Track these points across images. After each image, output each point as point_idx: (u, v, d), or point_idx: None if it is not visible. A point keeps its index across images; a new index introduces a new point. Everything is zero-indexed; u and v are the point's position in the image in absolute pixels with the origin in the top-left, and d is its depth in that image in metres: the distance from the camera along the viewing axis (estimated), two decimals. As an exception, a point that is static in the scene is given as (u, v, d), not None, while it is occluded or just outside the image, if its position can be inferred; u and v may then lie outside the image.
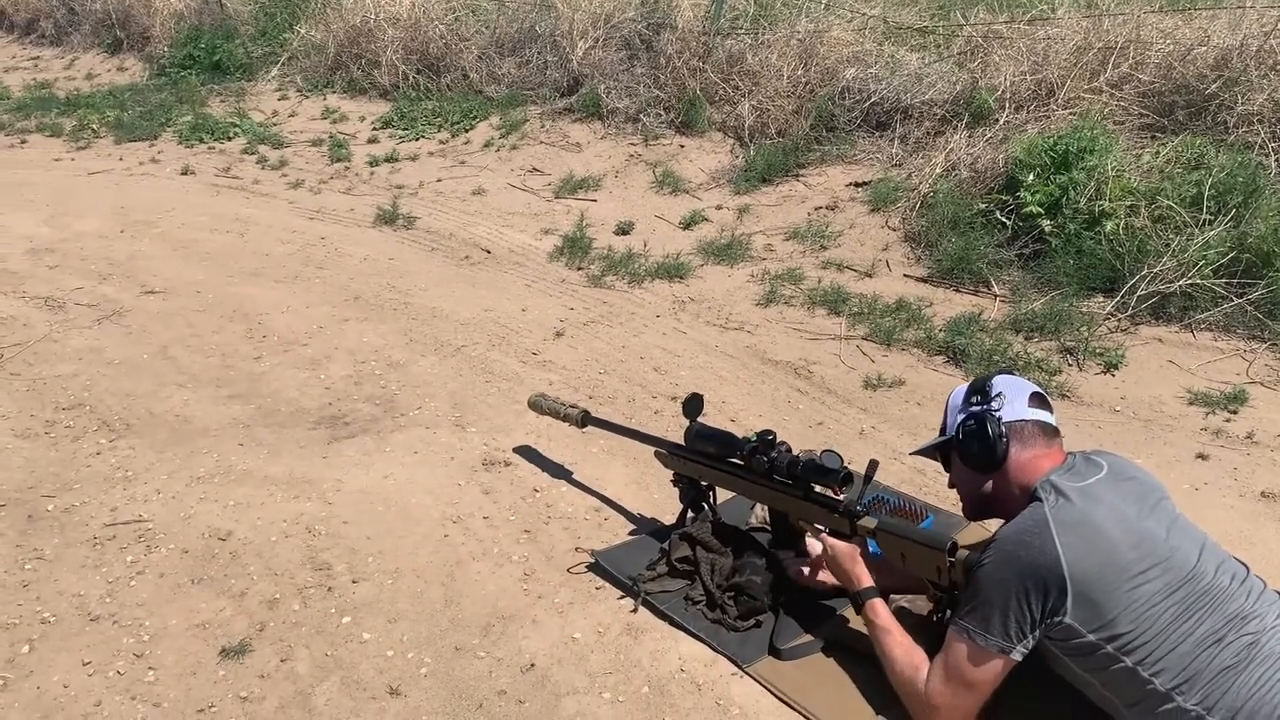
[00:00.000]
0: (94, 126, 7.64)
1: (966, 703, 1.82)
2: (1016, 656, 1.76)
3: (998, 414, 1.90)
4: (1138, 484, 1.84)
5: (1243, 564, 1.80)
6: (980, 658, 1.78)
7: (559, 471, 2.93)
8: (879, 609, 2.01)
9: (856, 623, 2.11)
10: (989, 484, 1.92)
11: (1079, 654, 1.74)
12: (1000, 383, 1.95)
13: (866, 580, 2.06)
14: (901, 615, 2.12)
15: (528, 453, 3.04)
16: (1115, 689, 1.73)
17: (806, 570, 2.27)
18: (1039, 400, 1.94)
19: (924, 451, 2.11)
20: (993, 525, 1.98)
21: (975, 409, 1.93)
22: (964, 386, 2.02)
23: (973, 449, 1.92)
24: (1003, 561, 1.76)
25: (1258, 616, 1.68)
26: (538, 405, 2.98)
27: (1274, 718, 1.59)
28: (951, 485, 2.08)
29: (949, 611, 1.94)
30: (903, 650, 1.94)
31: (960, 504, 2.06)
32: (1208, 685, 1.63)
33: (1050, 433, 1.91)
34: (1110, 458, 1.88)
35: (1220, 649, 1.64)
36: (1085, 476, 1.80)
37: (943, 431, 2.04)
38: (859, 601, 2.04)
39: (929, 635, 1.96)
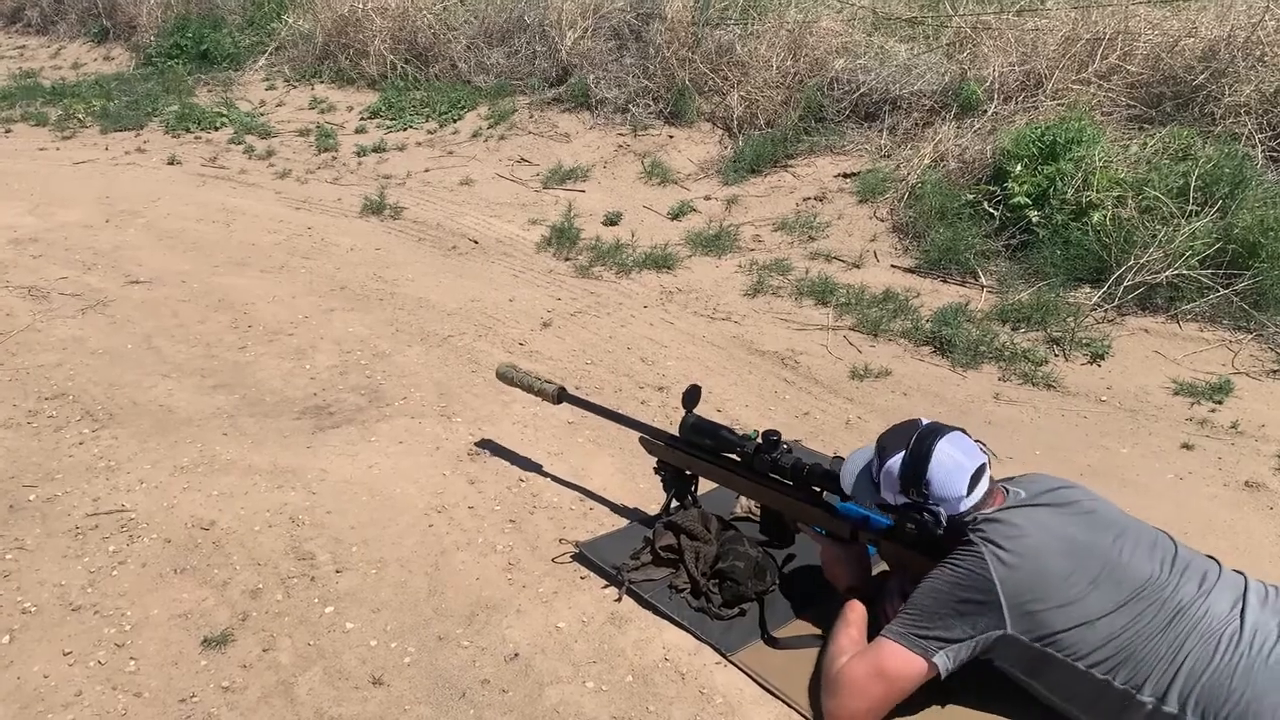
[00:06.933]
0: (80, 116, 7.59)
1: (875, 690, 1.82)
2: (939, 663, 1.79)
3: (937, 514, 1.86)
4: (1054, 493, 1.88)
5: (1169, 536, 1.84)
6: (902, 657, 1.81)
7: (544, 462, 2.92)
8: (855, 606, 2.02)
9: None
10: None
11: (1021, 661, 1.79)
12: (938, 475, 1.84)
13: (856, 583, 2.09)
14: None
15: (513, 443, 3.02)
16: (1062, 689, 1.78)
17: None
18: (978, 475, 1.86)
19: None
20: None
21: (913, 508, 1.88)
22: (898, 459, 1.88)
23: (914, 545, 1.95)
24: (941, 582, 1.81)
25: (1195, 600, 1.72)
26: (508, 376, 2.86)
27: (1229, 700, 1.62)
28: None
29: None
30: (846, 640, 1.95)
31: None
32: (1159, 674, 1.67)
33: (988, 494, 1.89)
34: (1022, 481, 1.95)
35: (1159, 634, 1.69)
36: (1012, 500, 1.87)
37: (867, 489, 1.98)
38: (843, 599, 2.06)
39: None
